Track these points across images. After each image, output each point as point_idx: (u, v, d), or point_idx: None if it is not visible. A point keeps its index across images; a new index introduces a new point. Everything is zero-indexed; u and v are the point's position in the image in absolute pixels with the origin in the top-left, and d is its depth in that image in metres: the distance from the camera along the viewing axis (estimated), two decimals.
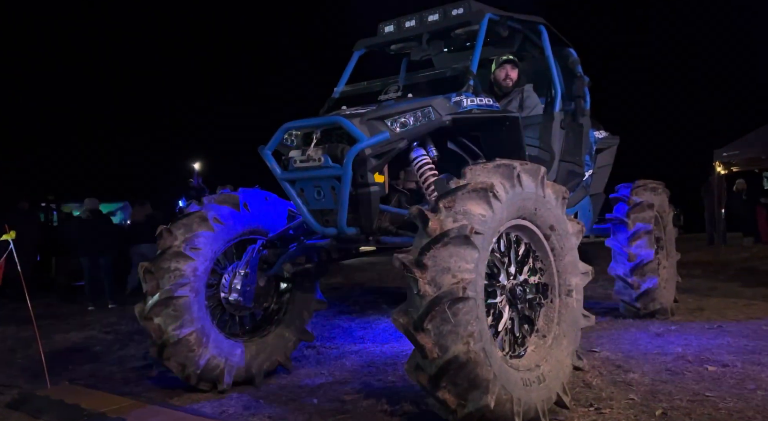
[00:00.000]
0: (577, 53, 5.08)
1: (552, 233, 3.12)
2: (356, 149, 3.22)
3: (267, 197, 4.05)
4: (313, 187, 3.41)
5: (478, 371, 2.55)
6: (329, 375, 4.11)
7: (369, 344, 4.97)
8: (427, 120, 3.40)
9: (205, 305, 3.78)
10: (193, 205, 3.87)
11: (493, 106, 3.77)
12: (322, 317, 6.36)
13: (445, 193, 2.72)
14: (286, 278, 4.16)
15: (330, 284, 9.08)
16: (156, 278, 3.59)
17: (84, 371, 4.64)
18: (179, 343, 3.58)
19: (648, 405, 3.15)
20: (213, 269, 3.86)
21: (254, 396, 3.76)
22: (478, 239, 2.60)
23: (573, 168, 4.72)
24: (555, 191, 3.11)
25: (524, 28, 4.54)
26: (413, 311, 2.56)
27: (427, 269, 2.55)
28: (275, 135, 3.49)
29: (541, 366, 3.00)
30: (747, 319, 5.21)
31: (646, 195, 5.40)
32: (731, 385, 3.42)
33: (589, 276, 3.32)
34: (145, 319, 3.62)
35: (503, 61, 4.63)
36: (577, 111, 4.82)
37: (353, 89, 4.31)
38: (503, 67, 4.62)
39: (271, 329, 4.19)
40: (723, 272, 8.40)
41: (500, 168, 2.84)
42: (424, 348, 2.52)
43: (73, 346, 5.65)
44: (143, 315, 3.63)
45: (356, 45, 4.63)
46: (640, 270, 5.23)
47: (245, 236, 3.97)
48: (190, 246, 3.63)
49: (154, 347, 3.65)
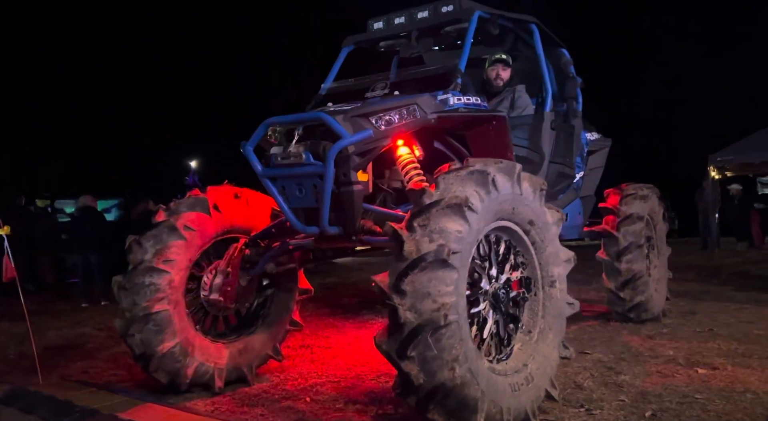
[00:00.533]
0: (570, 54, 5.04)
1: (531, 227, 3.06)
2: (338, 146, 3.14)
3: (238, 194, 3.93)
4: (295, 184, 3.34)
5: (466, 392, 2.54)
6: (323, 374, 4.09)
7: (363, 344, 4.94)
8: (413, 118, 3.34)
9: (186, 313, 3.71)
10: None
11: (481, 106, 3.71)
12: (316, 316, 6.36)
13: (419, 210, 2.63)
14: (269, 274, 4.07)
15: (325, 283, 9.04)
16: (131, 294, 3.51)
17: (76, 368, 4.61)
18: (164, 356, 3.53)
19: (638, 407, 3.16)
20: (191, 273, 3.78)
21: (247, 394, 3.74)
22: (456, 258, 2.54)
23: (563, 169, 4.67)
24: (532, 184, 3.03)
25: (516, 27, 4.49)
26: (395, 337, 2.51)
27: (406, 296, 2.49)
28: (256, 131, 3.42)
29: (529, 365, 2.98)
30: (738, 323, 5.22)
31: (636, 205, 5.29)
32: (720, 387, 3.43)
33: (571, 263, 3.27)
34: (126, 336, 3.55)
35: (495, 61, 4.58)
36: (569, 112, 4.77)
37: (341, 86, 4.24)
38: (494, 67, 4.57)
39: (258, 324, 4.13)
40: (716, 276, 8.40)
41: (474, 175, 2.74)
42: (409, 375, 2.49)
43: (66, 342, 5.62)
44: (124, 333, 3.56)
45: (345, 41, 4.56)
46: (632, 285, 5.17)
47: (220, 238, 3.88)
48: (162, 259, 3.53)
49: (139, 360, 3.59)
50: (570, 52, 5.03)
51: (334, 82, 4.36)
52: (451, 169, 2.80)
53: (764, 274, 8.53)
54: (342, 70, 4.49)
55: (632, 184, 5.55)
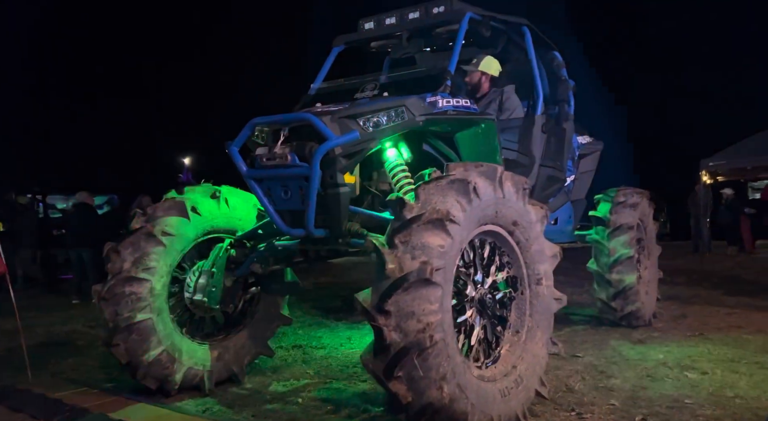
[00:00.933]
0: (562, 56, 5.01)
1: (515, 227, 3.03)
2: (325, 148, 3.10)
3: (217, 194, 3.87)
4: (280, 186, 3.29)
5: (455, 408, 2.52)
6: (315, 375, 4.08)
7: (356, 345, 4.93)
8: (401, 120, 3.30)
9: (171, 319, 3.66)
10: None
11: (470, 108, 3.68)
12: (309, 316, 6.35)
13: (400, 225, 2.58)
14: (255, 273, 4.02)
15: (318, 283, 9.02)
16: (112, 304, 3.46)
17: (67, 365, 4.57)
18: (151, 364, 3.50)
19: (628, 411, 3.17)
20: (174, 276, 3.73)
21: (238, 394, 3.72)
22: (439, 274, 2.51)
23: (554, 173, 4.64)
24: (514, 185, 2.99)
25: (507, 29, 4.46)
26: (381, 358, 2.48)
27: (391, 316, 2.45)
28: (242, 131, 3.37)
29: (518, 366, 2.97)
30: (728, 327, 5.23)
31: (627, 215, 5.25)
32: (710, 392, 3.44)
33: (557, 258, 3.24)
34: (111, 346, 3.50)
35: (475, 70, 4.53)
36: (561, 115, 4.74)
37: (330, 86, 4.20)
38: (474, 74, 4.54)
39: (246, 322, 4.09)
40: (707, 280, 8.42)
41: (455, 184, 2.69)
42: (397, 395, 2.47)
43: (57, 339, 5.58)
44: (108, 342, 3.51)
45: (335, 41, 4.52)
46: (623, 295, 5.16)
47: (201, 239, 3.83)
48: (141, 267, 3.47)
49: (126, 368, 3.55)
50: (562, 54, 5.01)
51: (323, 83, 4.32)
52: (432, 179, 2.75)
53: (754, 279, 8.56)
54: (334, 70, 4.46)
55: (623, 190, 5.52)
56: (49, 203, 12.74)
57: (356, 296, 2.57)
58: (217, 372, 3.80)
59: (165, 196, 3.80)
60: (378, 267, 2.56)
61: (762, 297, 6.79)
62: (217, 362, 3.81)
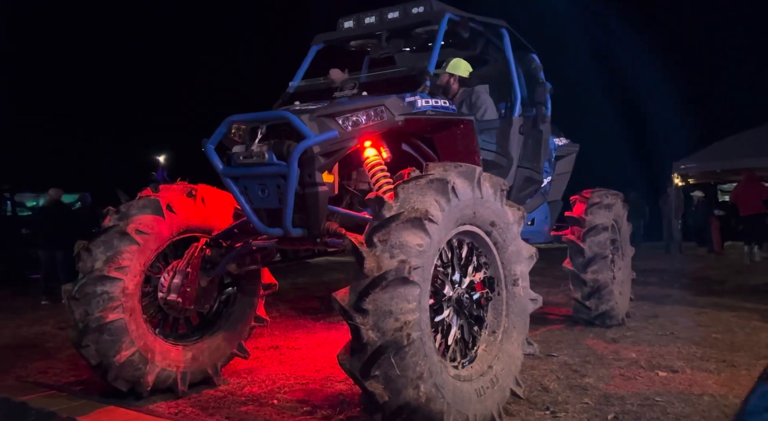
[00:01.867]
0: (540, 59, 5.07)
1: (493, 228, 3.04)
2: (303, 146, 3.07)
3: (193, 192, 3.81)
4: (257, 184, 3.25)
5: (432, 407, 2.52)
6: (291, 376, 4.03)
7: (333, 345, 4.89)
8: (380, 119, 3.29)
9: (144, 319, 3.58)
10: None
11: (449, 108, 3.69)
12: (286, 316, 6.28)
13: (379, 224, 2.58)
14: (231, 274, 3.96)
15: (296, 283, 8.95)
16: (82, 304, 3.36)
17: (34, 368, 4.42)
18: (123, 365, 3.40)
19: (601, 409, 3.22)
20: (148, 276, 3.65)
21: (212, 396, 3.65)
22: (417, 273, 2.50)
23: (531, 174, 4.69)
24: (492, 186, 3.01)
25: (486, 31, 4.49)
26: (359, 357, 2.47)
27: (368, 315, 2.44)
28: (219, 128, 3.32)
29: (494, 366, 2.98)
30: (697, 326, 5.36)
31: (602, 215, 5.34)
32: (680, 390, 3.52)
33: (534, 259, 3.27)
34: (81, 347, 3.40)
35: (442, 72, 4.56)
36: (538, 117, 4.80)
37: (309, 84, 4.17)
38: (443, 76, 4.57)
39: (221, 323, 4.03)
40: (677, 280, 8.63)
41: (434, 183, 2.70)
42: (374, 394, 2.45)
43: (24, 341, 5.42)
44: (78, 343, 3.41)
45: (314, 39, 4.50)
46: (598, 295, 5.25)
47: (177, 238, 3.76)
48: (114, 266, 3.38)
49: (96, 370, 3.45)
50: (540, 57, 5.07)
51: (302, 81, 4.29)
52: (411, 178, 2.75)
53: (723, 279, 8.80)
54: (313, 68, 4.43)
55: (597, 191, 5.61)
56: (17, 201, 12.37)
57: (334, 295, 2.55)
58: (190, 374, 3.73)
59: (139, 194, 3.72)
60: (356, 266, 2.54)
61: (730, 297, 6.99)
62: (191, 363, 3.74)
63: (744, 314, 5.87)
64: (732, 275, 9.15)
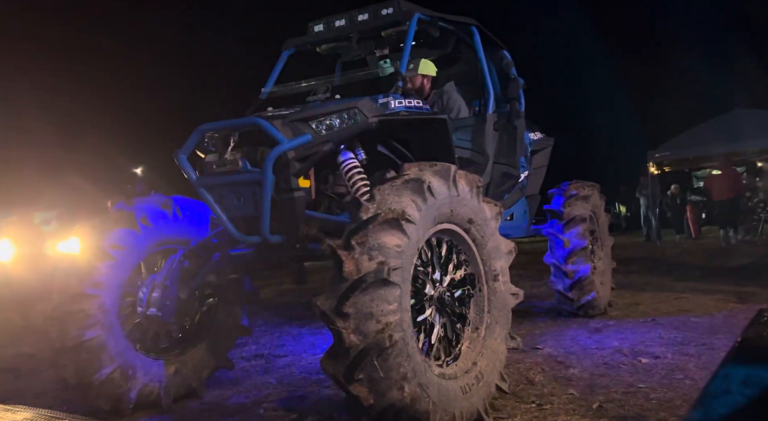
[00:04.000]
0: (511, 56, 5.12)
1: (471, 225, 3.05)
2: (276, 152, 3.05)
3: (165, 204, 3.74)
4: (232, 193, 3.22)
5: (417, 407, 2.52)
6: (277, 384, 3.99)
7: (319, 351, 4.83)
8: (353, 122, 3.28)
9: (123, 335, 3.51)
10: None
11: (423, 108, 3.70)
12: (272, 324, 6.21)
13: (356, 227, 2.57)
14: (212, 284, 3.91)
15: (280, 290, 8.87)
16: (59, 323, 3.28)
17: (12, 391, 4.24)
18: (103, 384, 3.33)
19: (586, 399, 3.24)
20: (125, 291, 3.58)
21: (198, 409, 3.59)
22: (397, 274, 2.50)
23: (508, 170, 4.72)
24: (468, 183, 3.02)
25: (456, 29, 4.52)
26: (342, 361, 2.46)
27: (350, 318, 2.44)
28: (190, 137, 3.28)
29: (478, 363, 2.99)
30: (677, 312, 5.45)
31: (579, 206, 5.41)
32: (662, 376, 3.56)
33: (512, 254, 3.29)
34: (59, 367, 3.32)
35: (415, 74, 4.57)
36: (512, 113, 4.83)
37: (282, 90, 4.15)
38: (416, 78, 4.58)
39: (203, 335, 3.97)
40: (657, 267, 8.78)
41: (410, 183, 2.70)
42: (358, 397, 2.45)
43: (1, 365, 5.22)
44: (56, 363, 3.33)
45: (285, 44, 4.47)
46: (579, 285, 5.31)
47: (153, 251, 3.70)
48: (90, 283, 3.32)
49: (76, 390, 3.38)
50: (511, 53, 5.11)
51: (274, 87, 4.26)
52: (386, 179, 2.75)
53: (700, 264, 9.00)
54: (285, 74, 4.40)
55: (574, 183, 5.68)
56: None
57: (314, 300, 2.54)
58: (174, 388, 3.67)
59: (112, 208, 3.66)
60: (335, 269, 2.53)
61: (707, 281, 7.14)
62: (174, 377, 3.68)
63: (722, 297, 5.99)
64: (709, 260, 9.35)
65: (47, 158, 20.02)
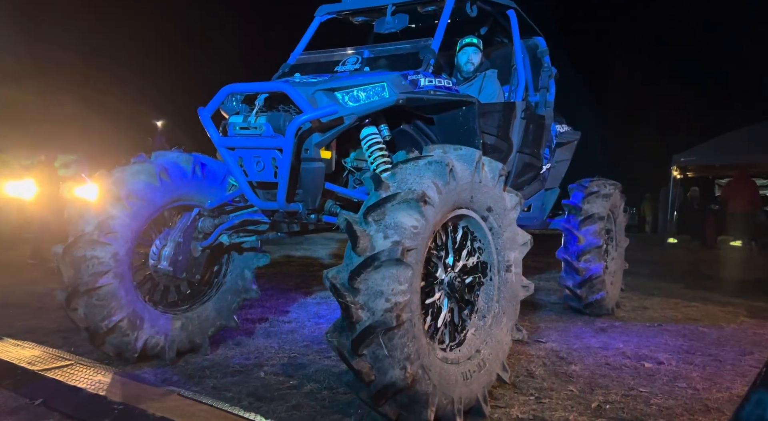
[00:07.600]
0: (546, 44, 4.98)
1: (490, 213, 3.01)
2: (299, 120, 3.01)
3: (186, 160, 3.72)
4: (253, 157, 3.20)
5: (417, 388, 2.53)
6: (279, 349, 4.04)
7: (323, 320, 4.90)
8: (380, 97, 3.22)
9: (134, 286, 3.56)
10: None
11: (452, 89, 3.62)
12: (279, 289, 6.28)
13: (374, 204, 2.54)
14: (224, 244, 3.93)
15: (291, 257, 8.94)
16: (72, 268, 3.32)
17: (21, 327, 4.39)
18: (111, 331, 3.40)
19: (585, 397, 3.24)
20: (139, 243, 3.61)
21: (199, 366, 3.66)
22: (411, 255, 2.47)
23: (531, 160, 4.64)
24: (491, 170, 2.97)
25: (494, 11, 4.39)
26: (347, 335, 2.46)
27: (359, 294, 2.42)
28: (215, 97, 3.24)
29: (482, 351, 2.99)
30: (685, 319, 5.41)
31: (598, 204, 5.33)
32: (664, 382, 3.54)
33: (528, 246, 3.26)
34: (69, 309, 3.38)
35: (464, 45, 4.47)
36: (541, 102, 4.73)
37: (311, 57, 4.08)
38: (465, 51, 4.47)
39: (211, 293, 4.02)
40: (669, 273, 8.68)
41: (432, 165, 2.65)
42: (360, 373, 2.45)
43: (12, 300, 5.38)
44: (67, 306, 3.38)
45: (318, 10, 4.38)
46: (589, 284, 5.26)
47: (169, 206, 3.71)
48: (105, 231, 3.34)
49: (84, 334, 3.44)
50: (546, 41, 4.97)
51: (304, 53, 4.19)
52: (409, 159, 2.71)
53: (713, 273, 8.87)
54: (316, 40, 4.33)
55: (596, 180, 5.59)
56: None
57: (325, 273, 2.54)
58: (179, 342, 3.74)
59: (133, 160, 3.66)
60: (349, 244, 2.52)
61: (718, 292, 7.04)
62: (179, 332, 3.75)
63: (732, 310, 5.92)
64: (723, 270, 9.22)
65: (75, 101, 20.19)
